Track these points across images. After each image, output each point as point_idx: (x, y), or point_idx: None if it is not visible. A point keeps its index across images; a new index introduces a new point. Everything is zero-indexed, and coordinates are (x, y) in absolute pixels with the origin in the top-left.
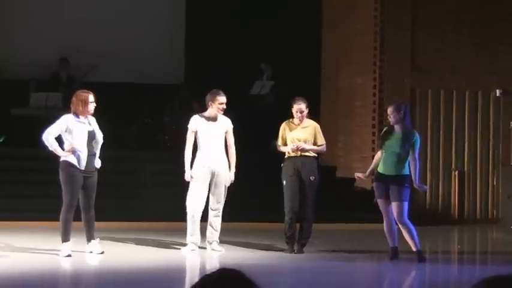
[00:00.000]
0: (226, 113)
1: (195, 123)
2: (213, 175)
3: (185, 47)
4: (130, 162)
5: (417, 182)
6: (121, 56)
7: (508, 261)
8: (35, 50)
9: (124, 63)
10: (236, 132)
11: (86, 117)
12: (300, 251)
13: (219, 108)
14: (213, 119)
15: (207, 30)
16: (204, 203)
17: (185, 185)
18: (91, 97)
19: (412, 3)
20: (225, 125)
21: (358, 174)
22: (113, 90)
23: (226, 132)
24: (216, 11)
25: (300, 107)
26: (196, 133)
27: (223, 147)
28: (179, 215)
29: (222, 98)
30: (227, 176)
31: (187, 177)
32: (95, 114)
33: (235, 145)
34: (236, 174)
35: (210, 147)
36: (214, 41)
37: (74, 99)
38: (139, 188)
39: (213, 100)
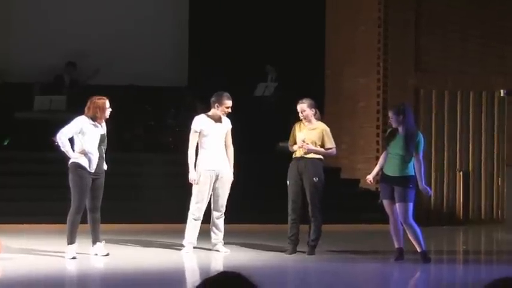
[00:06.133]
0: (229, 114)
1: (200, 123)
2: (217, 177)
3: (189, 50)
4: (134, 164)
5: (423, 183)
6: (125, 58)
7: None
8: (38, 53)
9: (128, 66)
10: (239, 133)
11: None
12: (311, 253)
13: (224, 111)
14: (218, 120)
15: (210, 32)
16: (206, 206)
17: (188, 187)
18: (107, 103)
19: (416, 4)
20: (227, 125)
21: (369, 177)
22: (116, 93)
23: (226, 133)
24: (219, 14)
25: (300, 106)
26: (199, 133)
27: (224, 148)
28: (183, 216)
29: (230, 102)
30: (230, 176)
31: (191, 179)
32: None
33: (237, 146)
34: (238, 175)
35: (214, 148)
36: (217, 44)
37: (90, 105)
38: (143, 190)
39: (220, 103)
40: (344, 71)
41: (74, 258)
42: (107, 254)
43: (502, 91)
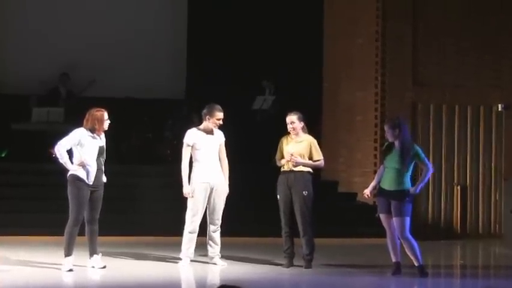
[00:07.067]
0: (226, 127)
1: (192, 137)
2: (211, 190)
3: (187, 62)
4: (131, 176)
5: (417, 187)
6: (122, 70)
7: (511, 276)
8: (35, 65)
9: (125, 77)
10: (236, 146)
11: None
12: (308, 267)
13: (216, 124)
14: (210, 132)
15: (208, 44)
16: (201, 219)
17: (184, 199)
18: (106, 115)
19: (413, 17)
20: (220, 138)
21: (366, 192)
22: (113, 105)
23: (219, 146)
24: (217, 26)
25: (290, 118)
26: (192, 147)
27: (218, 160)
28: (180, 229)
29: (221, 114)
30: (225, 189)
31: (186, 193)
32: None
33: (232, 159)
34: (235, 188)
35: (208, 161)
36: (215, 56)
37: (88, 117)
38: (140, 202)
39: (212, 115)
40: (342, 85)
41: (70, 270)
42: (104, 267)
43: (499, 105)
